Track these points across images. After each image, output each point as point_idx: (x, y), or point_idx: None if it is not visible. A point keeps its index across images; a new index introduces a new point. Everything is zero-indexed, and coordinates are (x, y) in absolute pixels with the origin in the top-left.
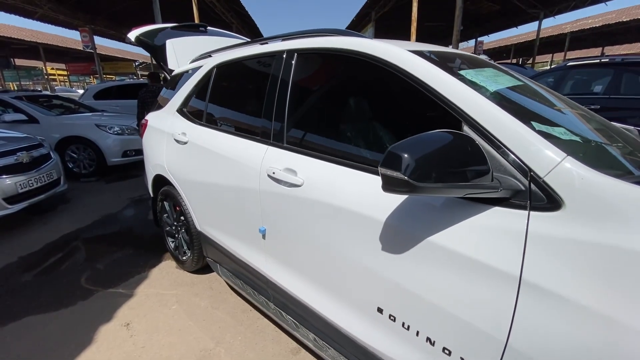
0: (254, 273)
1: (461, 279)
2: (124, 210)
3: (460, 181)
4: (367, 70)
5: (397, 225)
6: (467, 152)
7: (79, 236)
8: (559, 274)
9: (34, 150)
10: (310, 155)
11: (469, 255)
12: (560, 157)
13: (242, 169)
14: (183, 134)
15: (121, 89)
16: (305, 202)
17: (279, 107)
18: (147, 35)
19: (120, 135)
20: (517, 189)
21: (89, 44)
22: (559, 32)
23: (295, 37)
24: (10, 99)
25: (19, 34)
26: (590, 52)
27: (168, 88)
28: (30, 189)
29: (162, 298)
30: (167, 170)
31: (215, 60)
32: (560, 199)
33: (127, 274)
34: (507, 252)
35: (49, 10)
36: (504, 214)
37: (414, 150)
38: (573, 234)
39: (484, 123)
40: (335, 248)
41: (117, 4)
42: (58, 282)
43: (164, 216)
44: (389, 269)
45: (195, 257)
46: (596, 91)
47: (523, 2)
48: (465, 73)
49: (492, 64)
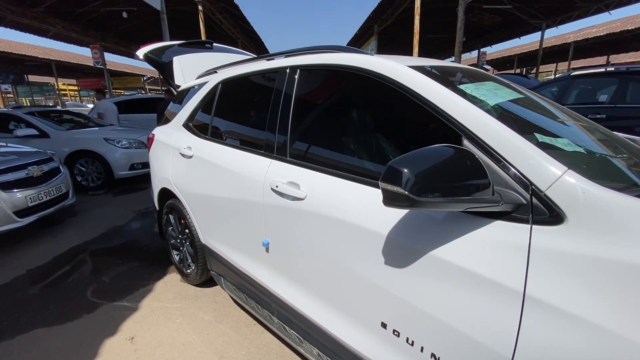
0: (257, 287)
1: (465, 293)
2: (130, 223)
3: (461, 195)
4: (368, 86)
5: (400, 239)
6: (468, 166)
7: (86, 249)
8: (564, 289)
9: (44, 165)
10: (313, 169)
11: (472, 269)
12: (561, 171)
13: (246, 183)
14: (188, 148)
15: (129, 103)
16: (308, 215)
17: (282, 121)
18: (155, 53)
19: (127, 149)
20: (519, 202)
21: (100, 60)
22: (562, 41)
23: (298, 54)
24: (22, 115)
25: (32, 52)
26: (595, 61)
27: (175, 102)
28: (40, 202)
29: (166, 311)
30: (173, 184)
31: (220, 76)
32: (563, 213)
33: (132, 287)
34: (510, 267)
35: (61, 28)
36: (506, 227)
37: (414, 165)
38: (576, 248)
39: (484, 137)
40: (338, 262)
41: (126, 22)
42: (64, 296)
43: (169, 229)
44: (393, 283)
45: (199, 270)
46: (601, 100)
47: (525, 13)
48: (465, 87)
49: (492, 76)
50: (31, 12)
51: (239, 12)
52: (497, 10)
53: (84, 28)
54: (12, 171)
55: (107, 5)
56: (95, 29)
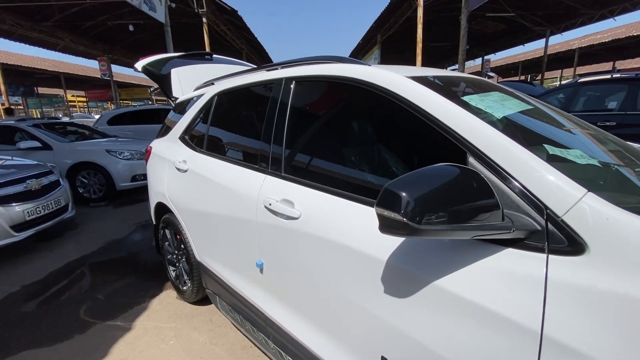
0: (252, 309)
1: (473, 330)
2: (129, 236)
3: (467, 221)
4: (365, 99)
5: (400, 266)
6: (474, 188)
7: (83, 263)
8: (587, 330)
9: (43, 178)
10: (308, 186)
11: (481, 303)
12: (580, 193)
13: (239, 199)
14: (184, 162)
15: (134, 114)
16: (303, 236)
17: (277, 135)
18: (153, 65)
19: (129, 160)
20: (533, 229)
21: (107, 72)
22: (567, 48)
23: (294, 65)
24: (27, 127)
25: (42, 65)
26: (601, 66)
27: (175, 112)
28: (38, 216)
29: (160, 332)
30: (168, 198)
31: (216, 89)
32: (584, 242)
33: (127, 305)
34: (525, 303)
35: (70, 42)
36: (519, 257)
37: (413, 188)
38: (601, 283)
39: (491, 154)
40: (333, 287)
41: (133, 35)
42: (57, 314)
43: (165, 244)
44: (393, 314)
45: (195, 288)
46: (610, 107)
47: (528, 20)
48: (469, 99)
49: (498, 86)
50: (40, 27)
51: (242, 24)
52: (500, 18)
53: (92, 41)
54: (10, 185)
55: (114, 18)
56: (102, 42)
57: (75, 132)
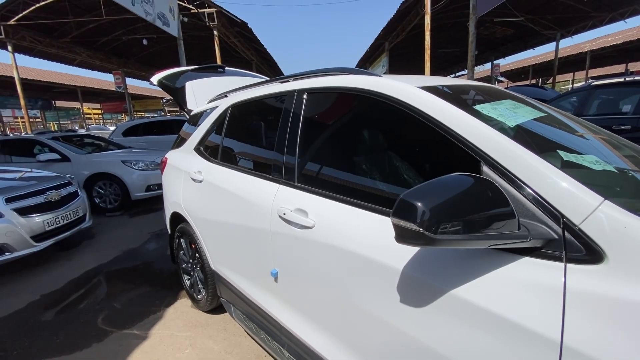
0: (267, 318)
1: (491, 340)
2: (144, 245)
3: (482, 231)
4: (377, 109)
5: (415, 275)
6: (489, 197)
7: (100, 272)
8: (607, 340)
9: (62, 189)
10: (322, 195)
11: (499, 313)
12: (597, 201)
13: (254, 209)
14: (199, 172)
15: (148, 126)
16: (317, 245)
17: (290, 146)
18: (168, 79)
19: (144, 171)
20: (550, 237)
21: (121, 85)
22: (578, 51)
23: (306, 77)
24: (46, 140)
25: (59, 79)
26: (614, 69)
27: (190, 124)
28: (57, 226)
29: (175, 340)
30: (183, 208)
31: (229, 101)
32: (602, 251)
33: (143, 314)
34: (544, 312)
35: (86, 57)
36: (537, 265)
37: (428, 198)
38: (620, 292)
39: (506, 163)
40: (349, 297)
41: (146, 49)
42: (76, 322)
43: (180, 253)
44: (409, 323)
45: (209, 297)
46: (625, 111)
47: (538, 24)
48: (482, 108)
49: (510, 94)
50: (58, 43)
51: (252, 36)
52: (508, 23)
53: (107, 55)
54: (31, 196)
55: (128, 34)
56: (117, 56)
57: (92, 144)
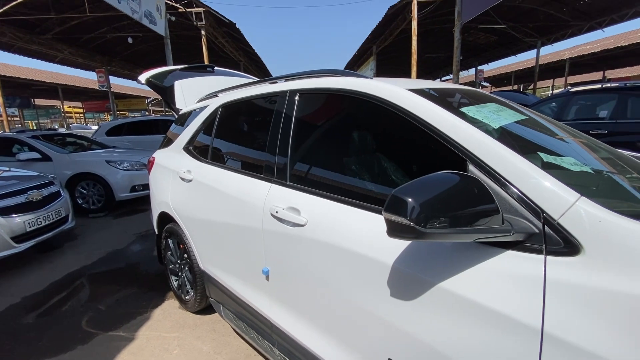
0: (257, 316)
1: (478, 329)
2: (129, 247)
3: (469, 224)
4: (368, 110)
5: (405, 269)
6: (475, 194)
7: (84, 274)
8: (584, 326)
9: (44, 189)
10: (314, 194)
11: (484, 303)
12: (574, 198)
13: (246, 208)
14: (188, 172)
15: (132, 125)
16: (309, 242)
17: (282, 145)
18: (157, 77)
19: (129, 171)
20: (531, 231)
21: (105, 83)
22: (558, 58)
23: (298, 78)
24: (26, 139)
25: (39, 76)
26: (592, 76)
27: (177, 124)
28: (39, 227)
29: (163, 341)
30: (172, 208)
31: (220, 100)
32: (579, 243)
33: (129, 315)
34: (526, 301)
35: (68, 54)
36: (519, 258)
37: (418, 194)
38: (595, 281)
39: (490, 162)
40: (341, 292)
41: (131, 47)
42: (59, 325)
43: (167, 254)
44: (399, 316)
45: (198, 297)
46: (602, 116)
47: (519, 32)
48: (467, 110)
49: (494, 97)
50: (39, 39)
51: (241, 36)
52: (492, 30)
53: (91, 53)
54: (11, 196)
55: (113, 31)
56: (101, 54)
57: (74, 143)
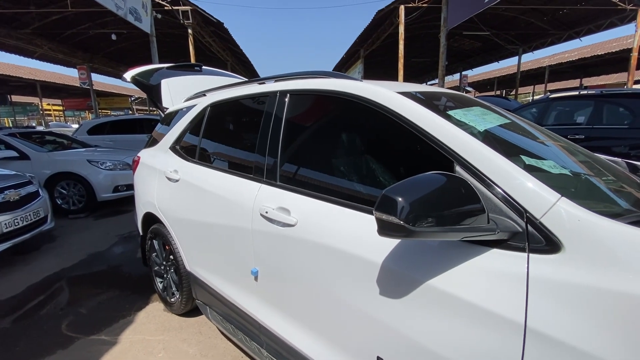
0: (245, 317)
1: (464, 326)
2: (111, 248)
3: (456, 223)
4: (357, 112)
5: (394, 268)
6: (462, 194)
7: (63, 277)
8: (565, 320)
9: (21, 189)
10: (304, 194)
11: (470, 300)
12: (555, 198)
13: (235, 208)
14: (175, 172)
15: (115, 124)
16: (299, 242)
17: (272, 145)
18: (143, 75)
19: (112, 171)
20: (515, 230)
21: (86, 80)
22: (538, 65)
23: (288, 79)
24: (2, 136)
25: (17, 72)
26: (570, 83)
27: (163, 124)
28: (15, 228)
29: (147, 345)
30: (158, 208)
31: (208, 100)
32: (559, 241)
33: (112, 319)
34: (510, 298)
35: (48, 50)
36: (503, 256)
37: (408, 194)
38: (575, 277)
39: (476, 164)
40: (330, 292)
41: (115, 44)
42: (38, 329)
43: (152, 255)
44: (388, 314)
45: (184, 299)
46: (579, 122)
47: (502, 39)
48: (454, 113)
49: (479, 102)
50: (17, 34)
51: (228, 36)
52: (476, 37)
53: (72, 49)
54: None
55: (96, 27)
56: (83, 50)
57: (54, 141)
